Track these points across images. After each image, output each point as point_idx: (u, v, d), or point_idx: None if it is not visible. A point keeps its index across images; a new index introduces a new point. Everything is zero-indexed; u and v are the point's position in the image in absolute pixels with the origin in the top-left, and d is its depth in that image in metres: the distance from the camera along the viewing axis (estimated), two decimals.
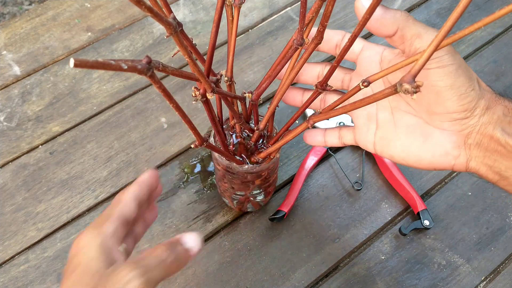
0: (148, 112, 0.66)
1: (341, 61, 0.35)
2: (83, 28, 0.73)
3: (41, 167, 0.62)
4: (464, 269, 0.57)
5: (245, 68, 0.70)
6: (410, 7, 0.77)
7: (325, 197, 0.61)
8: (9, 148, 0.63)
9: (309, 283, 0.56)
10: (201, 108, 0.66)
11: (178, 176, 0.62)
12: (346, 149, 0.64)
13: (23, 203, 0.59)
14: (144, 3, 0.25)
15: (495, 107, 0.36)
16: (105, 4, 0.75)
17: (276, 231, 0.59)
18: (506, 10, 0.27)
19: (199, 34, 0.73)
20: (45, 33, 0.72)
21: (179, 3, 0.76)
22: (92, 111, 0.66)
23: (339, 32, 0.40)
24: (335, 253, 0.58)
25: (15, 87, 0.68)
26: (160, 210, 0.59)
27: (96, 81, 0.68)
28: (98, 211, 0.59)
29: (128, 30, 0.73)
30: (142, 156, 0.63)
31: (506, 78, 0.71)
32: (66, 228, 0.58)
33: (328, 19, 0.33)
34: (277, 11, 0.76)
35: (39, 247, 0.57)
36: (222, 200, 0.60)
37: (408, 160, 0.38)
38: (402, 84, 0.29)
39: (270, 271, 0.56)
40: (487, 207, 0.61)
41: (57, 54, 0.70)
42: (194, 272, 0.56)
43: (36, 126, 0.65)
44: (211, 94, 0.36)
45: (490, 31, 0.75)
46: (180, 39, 0.30)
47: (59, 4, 0.75)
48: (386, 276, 0.56)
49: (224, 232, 0.59)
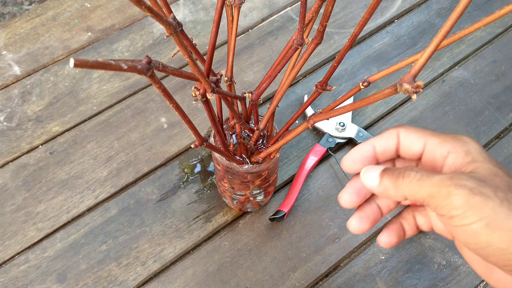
0: (148, 112, 0.66)
1: (341, 60, 0.35)
2: (83, 28, 0.73)
3: (41, 167, 0.62)
4: (464, 269, 0.57)
5: (245, 68, 0.70)
6: (410, 7, 0.77)
7: (325, 197, 0.61)
8: (9, 148, 0.63)
9: (309, 283, 0.56)
10: (201, 108, 0.66)
11: (178, 176, 0.62)
12: (346, 149, 0.64)
13: (23, 203, 0.59)
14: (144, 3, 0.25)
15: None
16: (105, 4, 0.75)
17: (276, 231, 0.59)
18: (506, 10, 0.27)
19: (199, 34, 0.73)
20: (45, 33, 0.72)
21: (179, 3, 0.76)
22: (92, 111, 0.66)
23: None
24: (335, 253, 0.58)
25: (15, 87, 0.68)
26: (160, 210, 0.60)
27: (96, 81, 0.68)
28: (98, 211, 0.59)
29: (128, 30, 0.73)
30: (142, 156, 0.63)
31: (506, 78, 0.71)
32: (66, 228, 0.58)
33: (328, 19, 0.33)
34: (277, 11, 0.76)
35: (39, 247, 0.57)
36: (222, 200, 0.60)
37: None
38: (402, 84, 0.29)
39: (270, 271, 0.56)
40: None
41: (57, 54, 0.70)
42: (194, 272, 0.56)
43: (36, 126, 0.65)
44: (211, 94, 0.36)
45: (490, 31, 0.75)
46: (180, 39, 0.30)
47: (59, 4, 0.75)
48: (386, 276, 0.56)
49: (224, 232, 0.59)
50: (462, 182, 0.27)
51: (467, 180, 0.27)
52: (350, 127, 0.64)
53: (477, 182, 0.27)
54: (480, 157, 0.29)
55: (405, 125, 0.33)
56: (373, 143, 0.33)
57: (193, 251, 0.58)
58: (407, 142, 0.32)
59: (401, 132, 0.32)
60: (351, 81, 0.70)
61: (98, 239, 0.58)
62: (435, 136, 0.31)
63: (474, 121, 0.67)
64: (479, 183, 0.27)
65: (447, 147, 0.30)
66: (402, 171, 0.30)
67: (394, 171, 0.30)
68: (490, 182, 0.27)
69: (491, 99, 0.69)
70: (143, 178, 0.62)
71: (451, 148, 0.30)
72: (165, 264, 0.57)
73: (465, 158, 0.30)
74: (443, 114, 0.68)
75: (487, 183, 0.27)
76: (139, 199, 0.60)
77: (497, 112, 0.68)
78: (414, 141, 0.32)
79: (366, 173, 0.32)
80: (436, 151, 0.31)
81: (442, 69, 0.72)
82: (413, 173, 0.29)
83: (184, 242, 0.58)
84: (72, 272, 0.56)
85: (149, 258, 0.57)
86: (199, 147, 0.38)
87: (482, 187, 0.26)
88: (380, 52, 0.73)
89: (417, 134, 0.32)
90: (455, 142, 0.30)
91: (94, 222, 0.59)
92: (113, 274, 0.56)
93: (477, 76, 0.71)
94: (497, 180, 0.27)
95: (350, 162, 0.33)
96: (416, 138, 0.32)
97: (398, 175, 0.30)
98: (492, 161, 0.29)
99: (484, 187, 0.26)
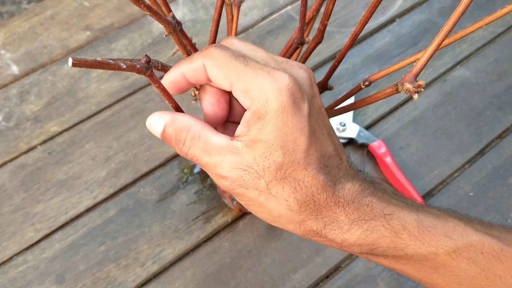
0: (147, 112, 0.66)
1: (341, 60, 0.34)
2: (82, 27, 0.72)
3: (39, 167, 0.61)
4: None
5: None
6: (412, 6, 0.77)
7: None
8: (7, 148, 0.63)
9: (309, 284, 0.55)
10: (201, 108, 0.66)
11: (177, 177, 0.61)
12: (347, 149, 0.64)
13: (21, 204, 0.59)
14: (143, 2, 0.25)
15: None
16: (103, 3, 0.75)
17: (276, 232, 0.58)
18: (508, 10, 0.27)
19: (198, 33, 0.73)
20: (43, 32, 0.72)
21: (178, 2, 0.76)
22: (90, 111, 0.66)
23: None
24: (335, 254, 0.57)
25: (13, 87, 0.67)
26: (159, 210, 0.59)
27: (94, 81, 0.68)
28: (96, 211, 0.59)
29: (127, 29, 0.73)
30: (141, 156, 0.63)
31: (508, 78, 0.70)
32: (64, 229, 0.58)
33: (328, 18, 0.32)
34: (277, 10, 0.76)
35: (37, 248, 0.57)
36: (222, 201, 0.60)
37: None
38: (404, 83, 0.28)
39: (270, 272, 0.56)
40: (489, 207, 0.60)
41: (56, 53, 0.70)
42: (193, 273, 0.56)
43: (34, 126, 0.64)
44: None
45: (492, 30, 0.75)
46: (179, 38, 0.30)
47: (58, 3, 0.74)
48: (387, 277, 0.56)
49: (223, 233, 0.58)
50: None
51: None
52: (351, 127, 0.64)
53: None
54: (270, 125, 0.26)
55: (217, 49, 0.27)
56: (182, 71, 0.30)
57: (193, 252, 0.57)
58: (215, 79, 0.28)
59: (207, 65, 0.28)
60: (352, 81, 0.70)
61: (96, 240, 0.57)
62: (241, 79, 0.27)
63: (476, 121, 0.67)
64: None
65: (247, 100, 0.27)
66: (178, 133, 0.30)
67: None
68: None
69: (493, 98, 0.68)
70: (142, 179, 0.61)
71: (251, 103, 0.27)
72: (165, 265, 0.56)
73: (253, 123, 0.27)
74: (444, 113, 0.67)
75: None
76: (138, 199, 0.60)
77: (499, 112, 0.67)
78: (221, 80, 0.27)
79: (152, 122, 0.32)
80: (242, 100, 0.27)
81: (443, 68, 0.71)
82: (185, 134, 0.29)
83: (183, 243, 0.57)
84: (70, 273, 0.55)
85: (148, 259, 0.56)
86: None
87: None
88: (381, 51, 0.72)
89: (222, 72, 0.27)
90: (258, 93, 0.26)
91: (92, 223, 0.58)
92: (112, 275, 0.55)
93: (479, 75, 0.71)
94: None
95: (170, 87, 0.31)
96: (222, 78, 0.27)
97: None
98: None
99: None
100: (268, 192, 0.27)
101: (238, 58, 0.27)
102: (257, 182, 0.27)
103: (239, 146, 0.27)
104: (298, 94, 0.27)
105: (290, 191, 0.27)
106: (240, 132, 0.28)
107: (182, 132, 0.29)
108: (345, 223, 0.29)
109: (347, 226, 0.29)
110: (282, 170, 0.27)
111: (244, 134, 0.27)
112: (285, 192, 0.27)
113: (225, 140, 0.28)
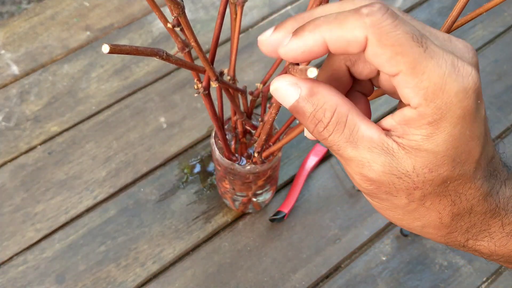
0: (147, 112, 0.66)
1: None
2: (82, 27, 0.72)
3: (39, 167, 0.61)
4: (466, 270, 0.57)
5: (245, 67, 0.70)
6: (412, 6, 0.77)
7: (326, 197, 0.61)
8: (8, 148, 0.62)
9: (309, 284, 0.55)
10: (200, 108, 0.66)
11: (177, 177, 0.61)
12: None
13: (21, 204, 0.59)
14: None
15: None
16: (104, 3, 0.75)
17: (277, 232, 0.58)
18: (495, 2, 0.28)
19: (198, 33, 0.73)
20: (43, 32, 0.72)
21: None
22: (90, 111, 0.66)
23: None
24: (335, 254, 0.57)
25: (13, 87, 0.67)
26: (159, 210, 0.59)
27: (94, 81, 0.68)
28: (96, 211, 0.59)
29: (127, 29, 0.73)
30: (141, 156, 0.63)
31: (508, 78, 0.70)
32: (64, 229, 0.58)
33: None
34: (277, 10, 0.76)
35: (37, 248, 0.57)
36: (222, 201, 0.60)
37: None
38: None
39: (270, 272, 0.56)
40: None
41: (56, 53, 0.70)
42: (193, 273, 0.56)
43: (34, 126, 0.64)
44: (215, 83, 0.35)
45: (492, 30, 0.75)
46: (187, 20, 0.30)
47: (58, 3, 0.74)
48: (387, 277, 0.56)
49: (224, 233, 0.58)
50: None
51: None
52: None
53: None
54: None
55: (388, 18, 0.20)
56: (325, 38, 0.21)
57: (193, 252, 0.57)
58: (375, 59, 0.20)
59: (371, 42, 0.20)
60: None
61: (96, 240, 0.57)
62: (416, 71, 0.20)
63: None
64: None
65: (417, 98, 0.20)
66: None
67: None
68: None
69: (493, 98, 0.68)
70: (142, 179, 0.61)
71: (422, 103, 0.20)
72: (165, 265, 0.56)
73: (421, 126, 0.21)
74: None
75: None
76: (138, 199, 0.60)
77: (499, 112, 0.67)
78: (384, 64, 0.20)
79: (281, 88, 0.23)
80: (408, 94, 0.21)
81: None
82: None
83: (183, 243, 0.57)
84: (70, 273, 0.55)
85: (148, 259, 0.56)
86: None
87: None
88: None
89: (391, 56, 0.20)
90: (436, 92, 0.20)
91: (92, 223, 0.58)
92: (112, 275, 0.55)
93: None
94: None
95: (299, 56, 0.22)
96: (388, 63, 0.20)
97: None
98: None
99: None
100: (421, 203, 0.23)
101: (416, 37, 0.20)
102: (411, 192, 0.23)
103: (395, 148, 0.22)
104: (480, 95, 0.21)
105: (447, 204, 0.23)
106: (393, 128, 0.22)
107: (326, 111, 0.22)
108: (497, 234, 0.25)
109: (499, 238, 0.25)
110: (446, 183, 0.22)
111: (400, 135, 0.22)
112: (441, 205, 0.23)
113: (378, 134, 0.22)
